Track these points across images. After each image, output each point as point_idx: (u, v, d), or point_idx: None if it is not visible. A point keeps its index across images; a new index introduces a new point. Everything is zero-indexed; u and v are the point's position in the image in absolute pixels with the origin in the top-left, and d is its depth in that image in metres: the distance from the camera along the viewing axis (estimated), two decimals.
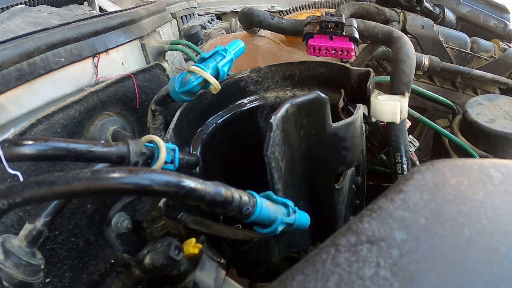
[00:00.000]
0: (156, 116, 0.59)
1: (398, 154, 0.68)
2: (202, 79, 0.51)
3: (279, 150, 0.46)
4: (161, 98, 0.56)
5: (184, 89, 0.51)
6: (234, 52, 0.55)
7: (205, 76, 0.51)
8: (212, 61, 0.52)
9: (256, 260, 0.52)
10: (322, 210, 0.58)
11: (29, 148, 0.35)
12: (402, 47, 0.65)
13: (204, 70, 0.51)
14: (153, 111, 0.58)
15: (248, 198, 0.38)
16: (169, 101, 0.56)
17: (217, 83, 0.52)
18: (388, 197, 0.32)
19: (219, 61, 0.53)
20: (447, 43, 1.03)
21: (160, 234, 0.70)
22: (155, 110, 0.58)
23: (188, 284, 0.40)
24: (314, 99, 0.49)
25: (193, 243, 0.42)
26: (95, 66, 0.68)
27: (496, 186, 0.32)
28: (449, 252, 0.27)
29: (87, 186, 0.31)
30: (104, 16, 0.76)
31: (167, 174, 0.34)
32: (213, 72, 0.52)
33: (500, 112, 0.89)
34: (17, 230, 0.48)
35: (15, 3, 1.04)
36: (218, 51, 0.54)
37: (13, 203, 0.32)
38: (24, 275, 0.42)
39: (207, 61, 0.53)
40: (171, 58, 1.00)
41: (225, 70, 0.53)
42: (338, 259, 0.27)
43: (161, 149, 0.46)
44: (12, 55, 0.54)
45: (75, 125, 0.59)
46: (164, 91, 0.55)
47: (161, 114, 0.59)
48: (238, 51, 0.56)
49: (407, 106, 0.64)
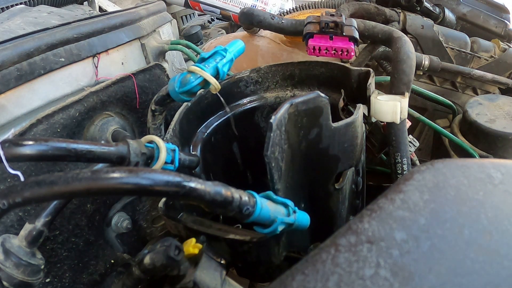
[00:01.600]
0: (156, 116, 0.59)
1: (398, 154, 0.68)
2: (202, 79, 0.51)
3: (279, 150, 0.46)
4: (161, 98, 0.56)
5: (184, 89, 0.51)
6: (234, 52, 0.55)
7: (205, 76, 0.51)
8: (212, 61, 0.52)
9: (256, 260, 0.52)
10: (322, 210, 0.58)
11: (30, 148, 0.35)
12: (402, 47, 0.65)
13: (204, 70, 0.51)
14: (153, 111, 0.58)
15: (248, 198, 0.38)
16: (169, 101, 0.56)
17: (217, 83, 0.52)
18: (388, 197, 0.32)
19: (219, 61, 0.53)
20: (447, 43, 1.03)
21: (160, 234, 0.70)
22: (155, 110, 0.58)
23: (188, 284, 0.40)
24: (314, 99, 0.49)
25: (193, 243, 0.42)
26: (95, 66, 0.68)
27: (496, 186, 0.32)
28: (449, 252, 0.27)
29: (87, 186, 0.31)
30: (104, 16, 0.76)
31: (167, 174, 0.34)
32: (213, 72, 0.52)
33: (500, 112, 0.89)
34: (17, 230, 0.48)
35: (15, 3, 1.04)
36: (218, 51, 0.53)
37: (13, 203, 0.32)
38: (24, 275, 0.42)
39: (207, 61, 0.53)
40: (171, 58, 1.00)
41: (225, 70, 0.53)
42: (338, 259, 0.27)
43: (161, 150, 0.46)
44: (12, 55, 0.54)
45: (75, 125, 0.59)
46: (164, 91, 0.55)
47: (161, 114, 0.59)
48: (238, 51, 0.55)
49: (407, 106, 0.64)
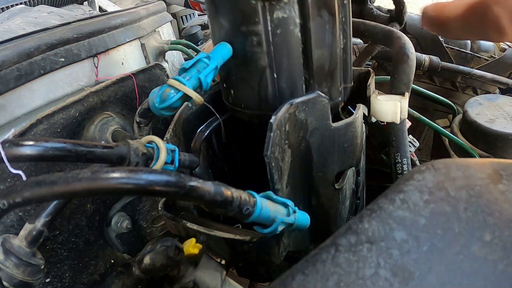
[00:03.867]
0: (142, 128, 0.56)
1: (398, 154, 0.68)
2: (182, 94, 0.47)
3: (279, 150, 0.46)
4: (144, 111, 0.53)
5: (164, 105, 0.48)
6: (219, 58, 0.50)
7: (184, 90, 0.46)
8: (194, 71, 0.48)
9: (256, 260, 0.52)
10: (322, 210, 0.58)
11: (30, 148, 0.35)
12: (402, 47, 0.65)
13: (184, 84, 0.46)
14: (138, 123, 0.56)
15: (248, 198, 0.38)
16: (151, 114, 0.52)
17: (199, 97, 0.48)
18: (388, 197, 0.32)
19: (201, 70, 0.48)
20: (447, 43, 1.04)
21: (160, 234, 0.70)
22: (140, 122, 0.55)
23: (188, 284, 0.40)
24: (314, 99, 0.49)
25: (193, 243, 0.42)
26: (95, 66, 0.69)
27: (496, 186, 0.32)
28: (449, 252, 0.27)
29: (87, 186, 0.31)
30: (104, 16, 0.76)
31: (167, 174, 0.34)
32: (195, 84, 0.48)
33: (500, 112, 0.89)
34: (17, 230, 0.48)
35: (15, 3, 1.04)
36: (201, 59, 0.49)
37: (13, 203, 0.32)
38: (24, 275, 0.42)
39: (188, 71, 0.48)
40: (171, 58, 1.00)
41: (208, 80, 0.49)
42: (338, 259, 0.27)
43: (161, 150, 0.46)
44: (12, 55, 0.54)
45: (75, 125, 0.59)
46: (146, 104, 0.52)
47: (146, 126, 0.56)
48: (223, 57, 0.50)
49: (407, 106, 0.64)
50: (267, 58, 0.50)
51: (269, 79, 0.51)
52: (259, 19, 0.47)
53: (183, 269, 0.40)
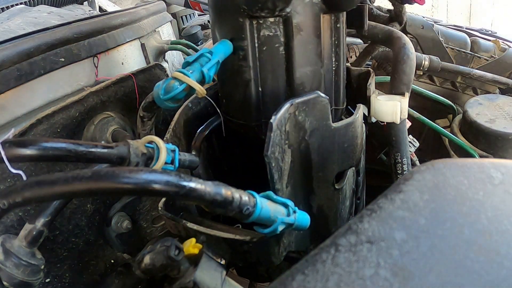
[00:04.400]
0: (145, 122, 0.58)
1: (398, 154, 0.68)
2: (186, 85, 0.49)
3: (279, 150, 0.46)
4: (148, 104, 0.55)
5: (168, 96, 0.49)
6: (220, 54, 0.52)
7: (188, 82, 0.48)
8: (197, 65, 0.50)
9: (256, 260, 0.52)
10: (322, 210, 0.58)
11: (30, 148, 0.35)
12: (402, 47, 0.65)
13: (188, 76, 0.48)
14: (142, 117, 0.57)
15: (248, 198, 0.38)
16: (156, 107, 0.54)
17: (202, 89, 0.50)
18: (388, 197, 0.32)
19: (204, 64, 0.50)
20: (447, 43, 1.04)
21: (160, 234, 0.70)
22: (144, 116, 0.57)
23: (188, 284, 0.40)
24: (314, 99, 0.49)
25: (193, 243, 0.42)
26: (95, 66, 0.69)
27: (496, 186, 0.32)
28: (449, 252, 0.27)
29: (87, 186, 0.31)
30: (104, 16, 0.76)
31: (167, 174, 0.34)
32: (198, 77, 0.50)
33: (500, 112, 0.89)
34: (17, 230, 0.48)
35: (15, 3, 1.04)
36: (204, 54, 0.51)
37: (13, 203, 0.32)
38: (24, 275, 0.42)
39: (192, 65, 0.50)
40: (171, 58, 1.00)
41: (210, 74, 0.51)
42: (338, 259, 0.27)
43: (161, 150, 0.46)
44: (12, 55, 0.55)
45: (75, 125, 0.59)
46: (150, 97, 0.53)
47: (150, 120, 0.58)
48: (225, 52, 0.53)
49: (407, 106, 0.64)
50: (252, 72, 0.53)
51: (253, 92, 0.55)
52: (245, 35, 0.51)
53: (183, 269, 0.40)
